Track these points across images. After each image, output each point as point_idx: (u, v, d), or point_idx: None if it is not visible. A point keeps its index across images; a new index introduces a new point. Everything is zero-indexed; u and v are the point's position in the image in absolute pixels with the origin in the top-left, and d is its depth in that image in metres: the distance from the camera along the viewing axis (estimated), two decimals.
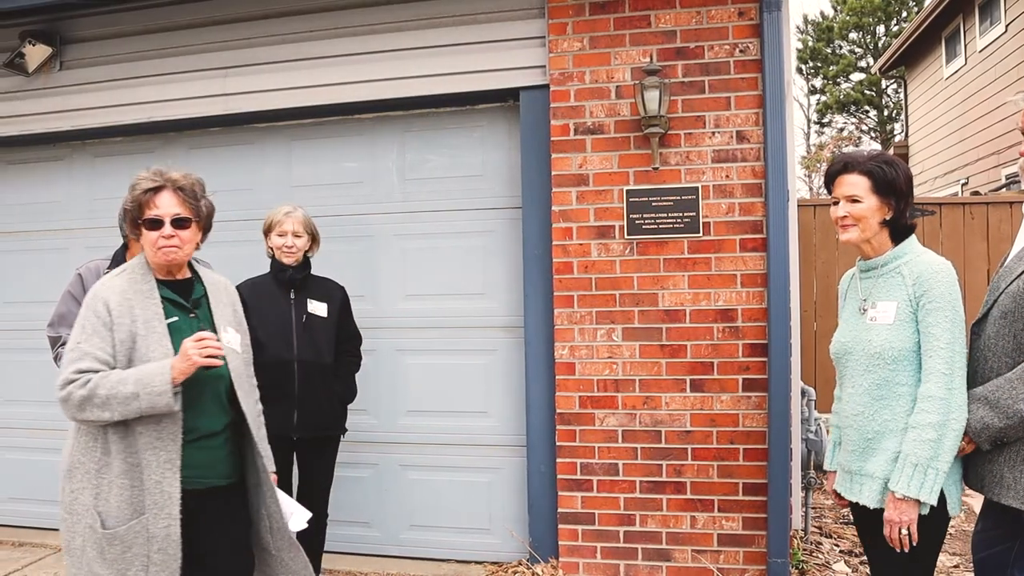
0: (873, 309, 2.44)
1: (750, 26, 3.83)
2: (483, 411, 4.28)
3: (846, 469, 2.51)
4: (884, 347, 2.36)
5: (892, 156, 2.49)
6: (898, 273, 2.41)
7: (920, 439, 2.25)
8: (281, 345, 3.57)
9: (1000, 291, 2.30)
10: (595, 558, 3.96)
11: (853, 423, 2.45)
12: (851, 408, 2.46)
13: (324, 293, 3.74)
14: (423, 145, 4.43)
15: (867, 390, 2.41)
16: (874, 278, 2.48)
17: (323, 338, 3.66)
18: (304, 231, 3.66)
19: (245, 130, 4.67)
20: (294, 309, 3.64)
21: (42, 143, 4.98)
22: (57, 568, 4.39)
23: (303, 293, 3.68)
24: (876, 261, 2.48)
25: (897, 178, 2.41)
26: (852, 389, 2.47)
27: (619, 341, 3.94)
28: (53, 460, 4.91)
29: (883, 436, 2.37)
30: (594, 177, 3.98)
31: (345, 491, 4.36)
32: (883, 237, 2.46)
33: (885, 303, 2.41)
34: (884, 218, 2.43)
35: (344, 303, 3.81)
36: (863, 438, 2.42)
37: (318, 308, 3.68)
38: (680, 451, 3.87)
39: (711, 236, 3.86)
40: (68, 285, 3.43)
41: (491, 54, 4.13)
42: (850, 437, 2.47)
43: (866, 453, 2.41)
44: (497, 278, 4.28)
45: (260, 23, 4.44)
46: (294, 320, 3.63)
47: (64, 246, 4.97)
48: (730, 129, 3.85)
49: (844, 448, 2.52)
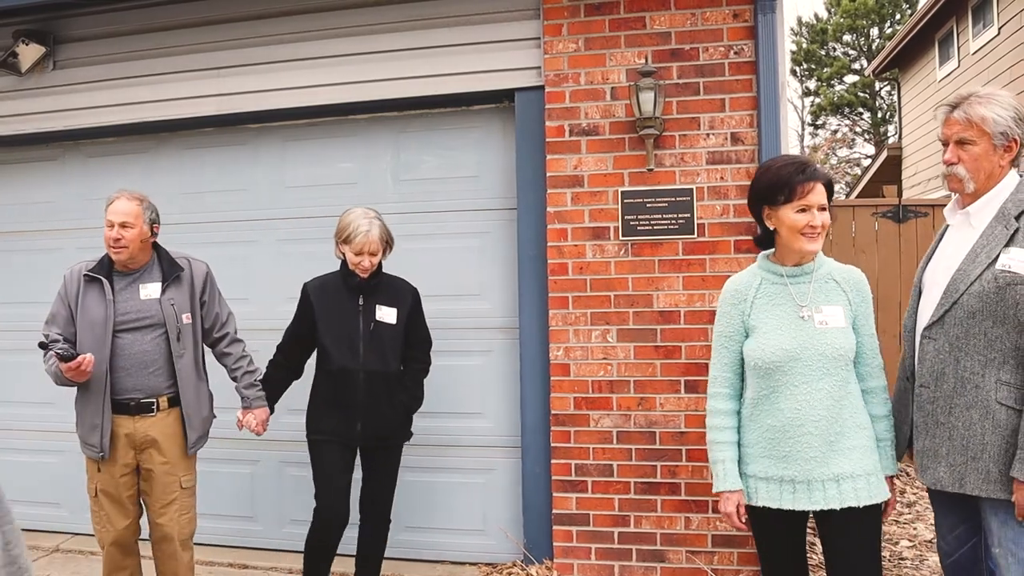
0: (820, 314, 2.48)
1: (745, 28, 3.85)
2: (478, 412, 4.28)
3: (796, 480, 2.43)
4: (844, 348, 2.46)
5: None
6: (831, 279, 2.53)
7: (892, 425, 2.58)
8: (347, 353, 3.46)
9: (960, 293, 2.39)
10: (590, 559, 3.97)
11: (813, 429, 2.41)
12: (809, 414, 2.42)
13: (393, 297, 3.58)
14: (418, 146, 4.44)
15: (828, 392, 2.44)
16: (808, 283, 2.52)
17: (390, 346, 3.52)
18: (381, 246, 3.48)
19: (239, 130, 4.66)
20: (362, 316, 3.50)
21: (35, 143, 4.97)
22: (50, 570, 4.38)
23: (372, 299, 3.53)
24: (806, 268, 2.53)
25: (831, 185, 2.54)
26: (807, 396, 2.42)
27: (614, 342, 3.94)
28: (47, 462, 4.93)
29: (844, 436, 2.45)
30: (589, 178, 3.99)
31: None
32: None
33: (831, 308, 2.49)
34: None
35: (414, 306, 3.63)
36: (825, 442, 2.42)
37: (387, 314, 3.52)
38: (674, 452, 3.88)
39: (706, 237, 3.87)
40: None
41: (486, 55, 4.14)
42: (808, 443, 2.41)
43: (828, 457, 2.42)
44: (492, 279, 4.28)
45: (254, 23, 4.44)
46: (361, 327, 3.49)
47: (57, 246, 4.95)
48: (725, 131, 3.86)
49: (789, 459, 2.43)
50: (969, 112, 2.44)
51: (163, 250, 3.48)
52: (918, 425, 2.52)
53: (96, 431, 3.30)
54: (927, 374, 2.47)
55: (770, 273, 2.57)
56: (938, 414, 2.44)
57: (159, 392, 3.34)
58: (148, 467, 3.36)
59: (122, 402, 3.30)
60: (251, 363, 3.57)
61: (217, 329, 3.54)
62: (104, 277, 3.34)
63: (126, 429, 3.31)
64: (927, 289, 2.57)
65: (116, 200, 3.35)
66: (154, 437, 3.33)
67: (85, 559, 4.54)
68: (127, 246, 3.30)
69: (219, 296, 3.59)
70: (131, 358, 3.30)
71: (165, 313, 3.34)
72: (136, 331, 3.31)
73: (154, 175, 4.80)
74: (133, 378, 3.30)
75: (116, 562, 3.44)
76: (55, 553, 4.64)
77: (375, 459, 3.59)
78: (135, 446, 3.33)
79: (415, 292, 3.67)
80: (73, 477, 4.91)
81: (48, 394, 5.01)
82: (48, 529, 4.91)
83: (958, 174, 2.48)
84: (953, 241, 2.55)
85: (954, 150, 2.49)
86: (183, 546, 3.42)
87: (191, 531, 3.45)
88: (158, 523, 3.39)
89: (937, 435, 2.44)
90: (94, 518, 3.44)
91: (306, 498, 4.50)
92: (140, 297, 3.35)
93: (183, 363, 3.37)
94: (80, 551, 4.63)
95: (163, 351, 3.34)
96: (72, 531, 4.88)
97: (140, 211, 3.32)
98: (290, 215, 4.56)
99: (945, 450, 2.42)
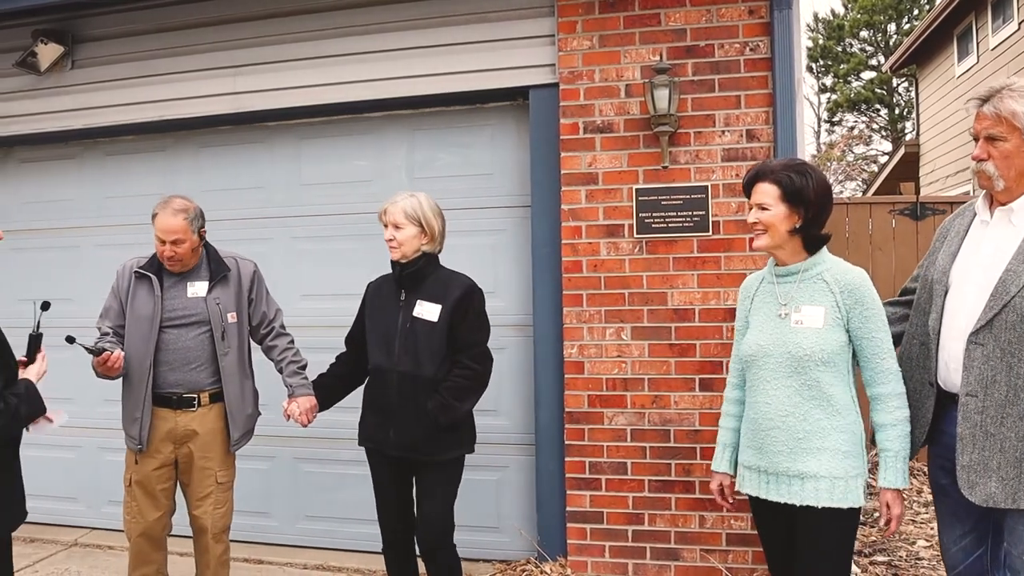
0: (797, 313, 2.49)
1: (760, 24, 3.83)
2: (492, 409, 4.29)
3: (765, 471, 2.54)
4: (815, 349, 2.43)
5: (806, 165, 2.55)
6: (821, 280, 2.49)
7: (903, 434, 2.44)
8: (382, 352, 3.22)
9: (1011, 295, 2.26)
10: (603, 557, 3.96)
11: (781, 424, 2.48)
12: (776, 410, 2.49)
13: (439, 292, 3.20)
14: (432, 144, 4.45)
15: (796, 391, 2.46)
16: (793, 283, 2.53)
17: (425, 346, 3.15)
18: (408, 221, 3.18)
19: (255, 128, 4.69)
20: (402, 311, 3.21)
21: (54, 142, 5.02)
22: (68, 564, 4.43)
23: (415, 293, 3.21)
24: (795, 267, 2.54)
25: (806, 187, 2.46)
26: (776, 392, 2.50)
27: (628, 340, 3.94)
28: (65, 457, 4.98)
29: (813, 436, 2.44)
30: (603, 176, 3.98)
31: (354, 489, 4.38)
32: (795, 245, 2.52)
33: (811, 308, 2.48)
34: (793, 226, 2.49)
35: (462, 303, 3.18)
36: (792, 438, 2.46)
37: (427, 311, 3.17)
38: (689, 450, 3.87)
39: (720, 235, 3.85)
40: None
41: (500, 53, 4.14)
42: (775, 438, 2.50)
43: (795, 453, 2.46)
44: (507, 276, 4.29)
45: (269, 22, 4.46)
46: (399, 324, 3.20)
47: (75, 244, 5.01)
48: (740, 128, 3.84)
49: (761, 451, 2.54)
50: (999, 107, 2.32)
51: (212, 249, 3.53)
52: (963, 437, 2.34)
53: (136, 423, 3.37)
54: (975, 382, 2.32)
55: (768, 272, 2.65)
56: (988, 425, 2.30)
57: (201, 388, 3.40)
58: (187, 461, 3.42)
59: (164, 396, 3.37)
60: (296, 354, 3.57)
61: (264, 326, 3.58)
62: (154, 274, 3.42)
63: (168, 423, 3.37)
64: (958, 289, 2.44)
65: (160, 215, 3.34)
66: (195, 430, 3.39)
67: (103, 553, 4.58)
68: (181, 259, 3.37)
69: (267, 294, 3.63)
70: (174, 353, 3.36)
71: (210, 312, 3.39)
72: (181, 327, 3.37)
73: (171, 173, 4.83)
74: (176, 373, 3.37)
75: (143, 555, 3.48)
76: (74, 547, 4.69)
77: (419, 475, 3.26)
78: (175, 440, 3.40)
79: (469, 288, 3.24)
80: (90, 472, 4.97)
81: (66, 390, 5.07)
82: (66, 523, 4.97)
83: (987, 171, 2.38)
84: (990, 238, 2.42)
85: (984, 146, 2.38)
86: (216, 539, 3.47)
87: (224, 525, 3.49)
88: (194, 515, 3.46)
89: (987, 448, 2.30)
90: (125, 508, 3.50)
91: (321, 495, 4.54)
92: (187, 295, 3.42)
93: (227, 361, 3.42)
94: (98, 545, 4.68)
95: (207, 348, 3.40)
96: (90, 525, 4.93)
97: (186, 225, 3.35)
98: (305, 213, 4.58)
99: (996, 463, 2.28)
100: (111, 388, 4.93)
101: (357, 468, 4.36)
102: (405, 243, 3.19)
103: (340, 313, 4.29)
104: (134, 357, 3.35)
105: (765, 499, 2.54)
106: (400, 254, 3.20)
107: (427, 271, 3.24)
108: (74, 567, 4.39)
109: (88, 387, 4.96)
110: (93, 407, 4.93)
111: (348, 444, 4.14)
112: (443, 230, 3.30)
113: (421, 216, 3.20)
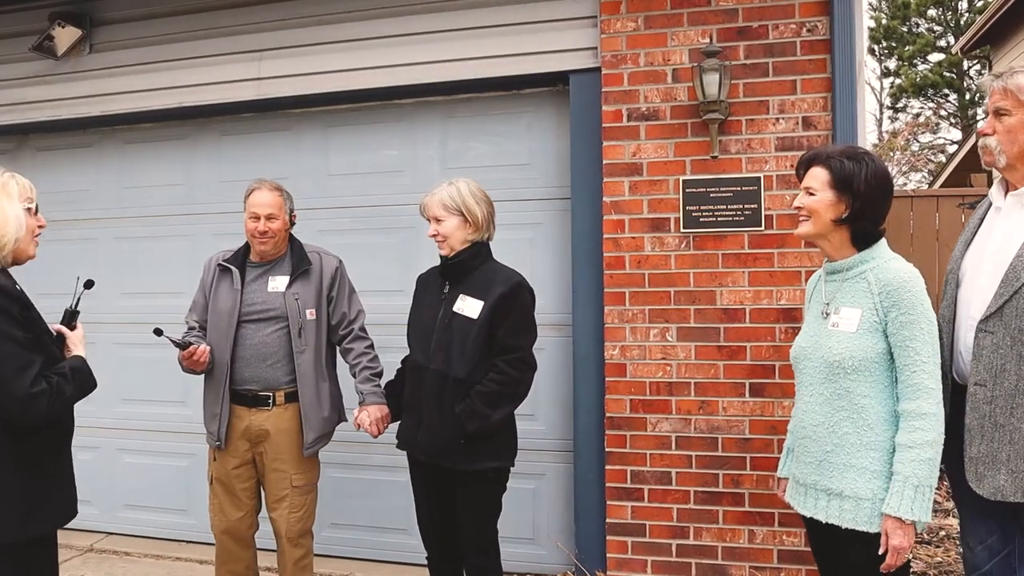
0: (836, 315, 2.46)
1: (819, 3, 3.81)
2: (529, 413, 4.31)
3: (800, 481, 2.55)
4: (845, 356, 2.38)
5: (864, 153, 2.49)
6: (863, 279, 2.43)
7: (920, 459, 2.26)
8: (419, 347, 3.23)
9: (1022, 281, 2.34)
10: (646, 572, 3.98)
11: (812, 434, 2.48)
12: (810, 419, 2.49)
13: (483, 288, 3.14)
14: (466, 132, 4.49)
15: (827, 400, 2.44)
16: (839, 282, 2.50)
17: (459, 344, 3.09)
18: (448, 213, 3.17)
19: (279, 116, 4.78)
20: (443, 306, 3.18)
21: (71, 129, 5.15)
22: (84, 570, 4.55)
23: (459, 287, 3.18)
24: (842, 264, 2.49)
25: (857, 174, 2.40)
26: (811, 398, 2.49)
27: (673, 341, 3.95)
28: (82, 458, 5.03)
29: (841, 450, 2.40)
30: (648, 166, 3.99)
31: (384, 496, 4.45)
32: (840, 237, 2.48)
33: (849, 309, 2.43)
34: (839, 215, 2.44)
35: (504, 301, 3.10)
36: (821, 450, 2.45)
37: (469, 306, 3.11)
38: (738, 460, 3.87)
39: (774, 230, 3.85)
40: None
41: (539, 35, 4.17)
42: (807, 448, 2.50)
43: (823, 467, 2.44)
44: (544, 273, 4.32)
45: (295, 4, 4.54)
46: (438, 318, 3.18)
47: (92, 236, 5.14)
48: (796, 115, 3.83)
49: (798, 460, 2.56)
50: (1008, 81, 2.43)
51: (297, 242, 3.65)
52: (972, 428, 2.43)
53: (215, 420, 3.52)
54: (984, 371, 2.41)
55: (822, 268, 2.63)
56: (997, 415, 2.38)
57: (276, 386, 3.50)
58: (262, 462, 3.55)
59: (240, 392, 3.50)
60: (373, 360, 3.62)
61: (344, 326, 3.64)
62: (236, 267, 3.56)
63: (244, 421, 3.51)
64: (969, 276, 2.54)
65: (257, 191, 3.52)
66: (268, 431, 3.50)
67: (119, 559, 4.70)
68: (273, 236, 3.51)
69: (349, 293, 3.70)
70: (250, 348, 3.48)
71: (288, 307, 3.49)
72: (258, 322, 3.50)
73: (193, 162, 4.94)
74: (251, 369, 3.49)
75: (229, 552, 3.64)
76: (89, 553, 4.82)
77: (456, 488, 3.20)
78: (251, 439, 3.52)
79: (515, 285, 3.15)
80: (106, 475, 5.09)
81: None
82: (80, 528, 5.08)
83: (989, 146, 2.49)
84: (1001, 225, 2.52)
85: (991, 121, 2.50)
86: (292, 543, 3.58)
87: (300, 529, 3.59)
88: (271, 517, 3.59)
89: (996, 439, 2.38)
90: (209, 505, 3.67)
91: (348, 501, 4.60)
92: (267, 289, 3.54)
93: (303, 359, 3.51)
94: (114, 551, 4.80)
95: (283, 345, 3.50)
96: (106, 531, 5.05)
97: (282, 202, 3.53)
98: (332, 204, 4.66)
99: (1006, 455, 2.36)
100: (129, 387, 5.07)
101: (388, 474, 4.44)
102: (450, 236, 3.18)
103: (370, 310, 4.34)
104: (215, 352, 3.50)
105: (802, 514, 2.55)
106: (448, 248, 3.20)
107: (474, 263, 3.20)
108: (89, 573, 4.51)
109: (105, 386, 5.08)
110: (111, 407, 5.05)
111: (379, 448, 4.22)
112: (489, 215, 3.27)
113: (461, 204, 3.17)
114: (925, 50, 26.79)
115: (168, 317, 3.94)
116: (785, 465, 2.79)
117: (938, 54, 26.70)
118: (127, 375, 5.00)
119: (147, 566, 4.60)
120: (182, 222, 4.94)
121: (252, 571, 3.72)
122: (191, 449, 4.74)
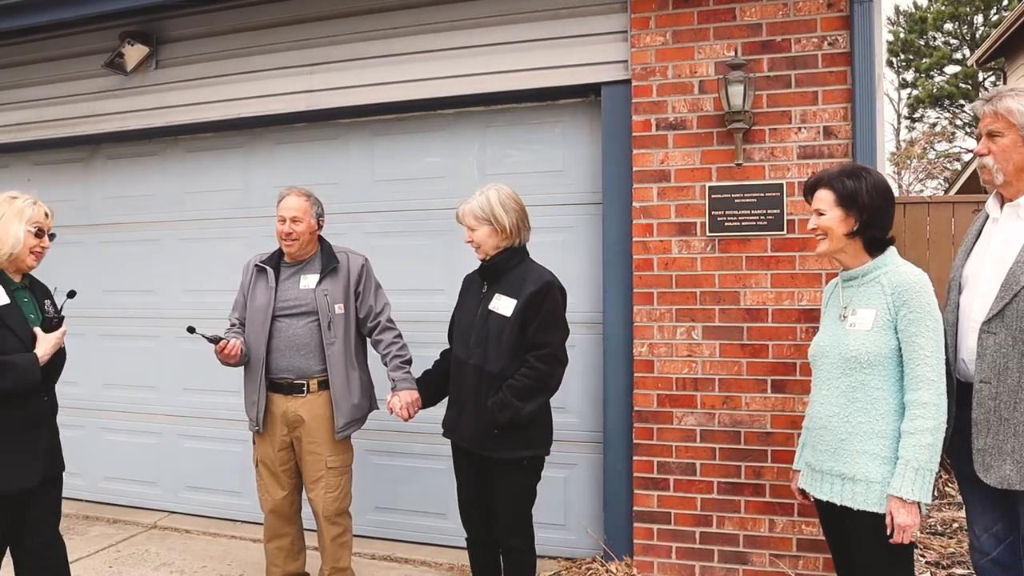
0: (853, 316, 2.56)
1: (839, 18, 3.76)
2: (561, 406, 4.29)
3: (814, 468, 2.65)
4: (860, 351, 2.48)
5: (862, 169, 2.61)
6: (877, 283, 2.54)
7: (921, 444, 2.36)
8: (461, 342, 3.29)
9: (1021, 285, 2.42)
10: (670, 558, 3.96)
11: (828, 424, 2.57)
12: (826, 410, 2.59)
13: (517, 287, 3.18)
14: (504, 140, 4.49)
15: (843, 392, 2.54)
16: (855, 287, 2.60)
17: (495, 340, 3.14)
18: (479, 222, 3.23)
19: (329, 125, 4.81)
20: (482, 304, 3.25)
21: (138, 139, 5.24)
22: (148, 545, 4.62)
23: (495, 286, 3.23)
24: (857, 271, 2.60)
25: (859, 189, 2.52)
26: (828, 392, 2.59)
27: (699, 339, 3.92)
28: (148, 442, 5.19)
29: (855, 438, 2.50)
30: (676, 173, 3.97)
31: (425, 482, 4.47)
32: (855, 248, 2.59)
33: (864, 310, 2.53)
34: (851, 229, 2.55)
35: (533, 300, 3.12)
36: (836, 439, 2.54)
37: (503, 305, 3.16)
38: (760, 452, 3.83)
39: (795, 234, 3.80)
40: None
41: (572, 49, 4.16)
42: (823, 438, 2.59)
43: (838, 454, 2.54)
44: (576, 273, 4.30)
45: (344, 20, 4.57)
46: (477, 315, 3.25)
47: (156, 237, 5.22)
48: (817, 124, 3.78)
49: (814, 448, 2.65)
50: (998, 105, 2.51)
51: (327, 244, 3.79)
52: (978, 422, 2.50)
53: (254, 407, 3.65)
54: (988, 369, 2.48)
55: (839, 277, 2.72)
56: (1002, 410, 2.44)
57: (310, 374, 3.61)
58: (299, 445, 3.65)
59: (277, 381, 3.63)
60: (402, 348, 3.71)
61: (371, 319, 3.73)
62: (271, 267, 3.70)
63: (280, 407, 3.62)
64: (971, 282, 2.61)
65: (286, 197, 3.66)
66: (302, 416, 3.60)
67: (180, 536, 4.77)
68: (297, 238, 3.63)
69: (375, 288, 3.79)
70: (285, 340, 3.61)
71: (318, 302, 3.61)
72: (292, 317, 3.62)
73: (247, 170, 5.00)
74: (287, 359, 3.60)
75: (275, 528, 3.78)
76: (153, 529, 4.89)
77: (493, 474, 3.25)
78: (288, 424, 3.63)
79: (545, 284, 3.16)
80: (169, 458, 5.17)
81: (150, 378, 5.29)
82: (146, 506, 5.18)
83: (986, 164, 2.56)
84: (1000, 234, 2.58)
85: (984, 142, 2.57)
86: (329, 521, 3.68)
87: (336, 508, 3.68)
88: (309, 497, 3.70)
89: (1001, 432, 2.44)
90: (257, 486, 3.80)
91: (391, 487, 4.63)
92: (299, 287, 3.66)
93: (333, 350, 3.61)
94: (176, 529, 4.87)
95: (315, 337, 3.61)
96: (168, 509, 5.14)
97: (308, 206, 3.65)
98: (378, 208, 4.69)
99: (1011, 447, 2.42)
100: (190, 377, 5.15)
101: (428, 462, 4.46)
102: (483, 243, 3.25)
103: (412, 308, 4.39)
104: (253, 345, 3.64)
105: (818, 498, 2.63)
106: (483, 254, 3.28)
107: (508, 265, 3.24)
108: (153, 548, 4.58)
109: (169, 376, 5.17)
110: (174, 396, 5.13)
111: (421, 438, 4.24)
112: (517, 222, 3.27)
113: (490, 214, 3.21)
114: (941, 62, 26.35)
115: (225, 313, 3.99)
116: (800, 459, 2.85)
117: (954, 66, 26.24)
118: (187, 367, 5.07)
119: (205, 543, 4.67)
120: (239, 224, 5.00)
121: (298, 545, 3.82)
122: (245, 435, 4.78)
